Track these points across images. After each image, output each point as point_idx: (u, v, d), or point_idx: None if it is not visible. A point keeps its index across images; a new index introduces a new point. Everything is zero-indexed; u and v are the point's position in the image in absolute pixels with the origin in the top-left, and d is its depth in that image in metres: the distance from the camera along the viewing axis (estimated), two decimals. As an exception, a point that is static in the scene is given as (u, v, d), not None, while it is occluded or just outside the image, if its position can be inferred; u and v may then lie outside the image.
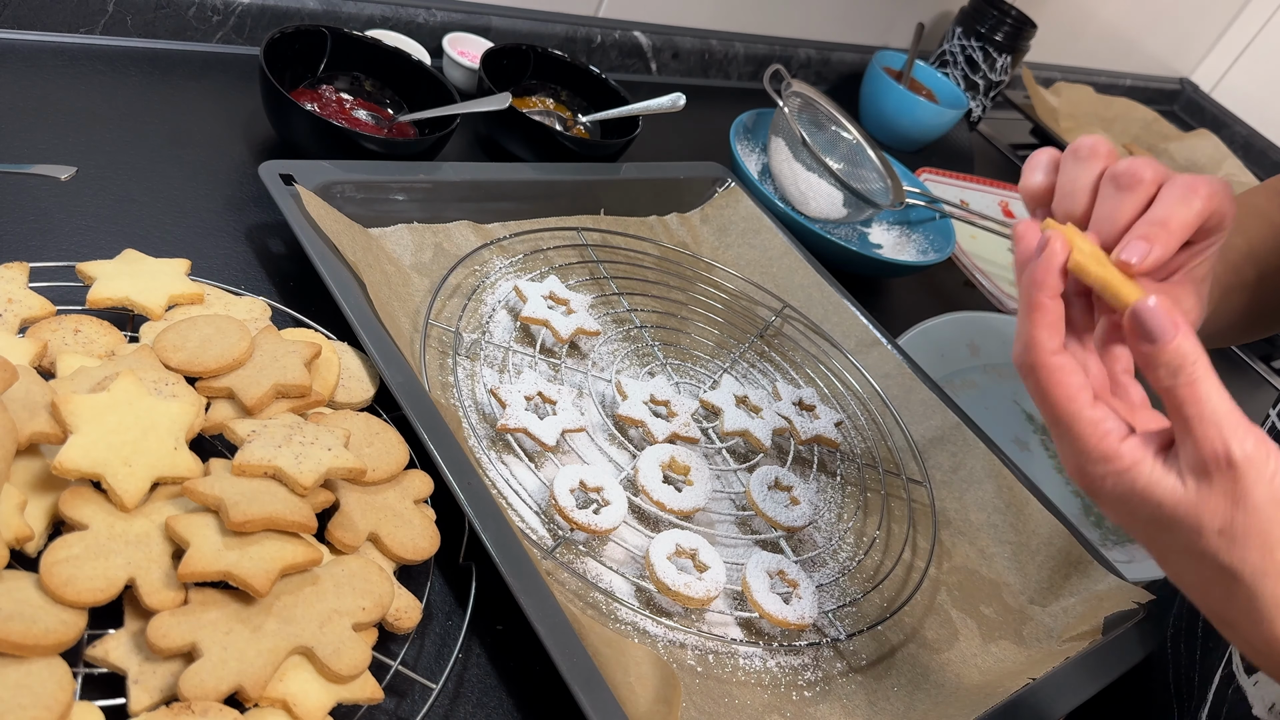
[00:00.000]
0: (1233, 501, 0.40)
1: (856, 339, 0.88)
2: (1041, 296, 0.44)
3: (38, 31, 0.80)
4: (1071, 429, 0.44)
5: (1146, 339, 0.41)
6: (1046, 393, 0.44)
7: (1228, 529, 0.41)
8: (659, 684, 0.51)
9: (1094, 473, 0.43)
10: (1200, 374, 0.41)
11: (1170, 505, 0.42)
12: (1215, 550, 0.41)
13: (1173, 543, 0.43)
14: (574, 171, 0.87)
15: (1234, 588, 0.41)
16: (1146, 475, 0.42)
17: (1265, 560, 0.41)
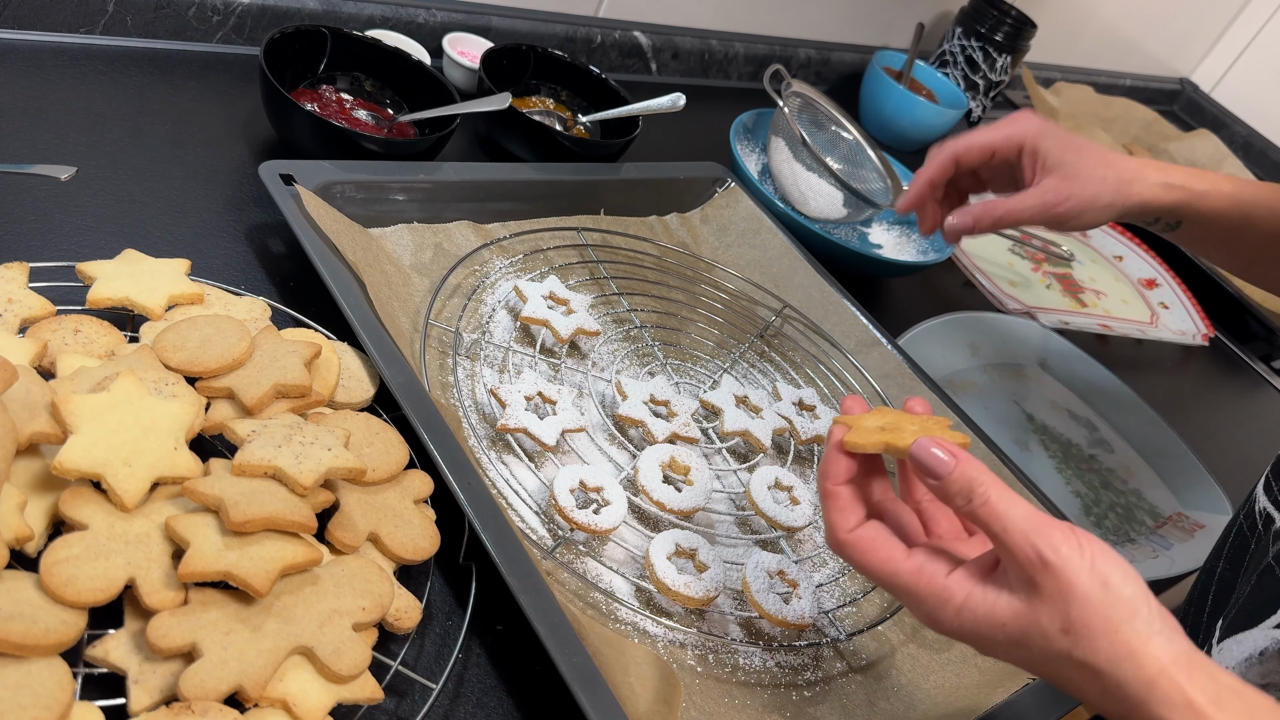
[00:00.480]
0: (1063, 599, 0.42)
1: (856, 339, 0.88)
2: (829, 485, 0.49)
3: (38, 31, 0.80)
4: (898, 584, 0.47)
5: (931, 475, 0.45)
6: (864, 565, 0.48)
7: (1069, 626, 0.42)
8: (659, 684, 0.51)
9: (939, 616, 0.46)
10: (990, 493, 0.44)
11: (1012, 620, 0.43)
12: (1068, 650, 0.42)
13: (1035, 656, 0.44)
14: (574, 171, 0.87)
15: (1102, 680, 0.42)
16: (980, 601, 0.44)
17: (1114, 644, 0.41)
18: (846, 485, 0.50)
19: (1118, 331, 1.20)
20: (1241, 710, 0.41)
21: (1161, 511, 0.96)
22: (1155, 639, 0.42)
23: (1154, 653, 0.41)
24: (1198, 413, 1.17)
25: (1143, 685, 0.41)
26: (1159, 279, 1.37)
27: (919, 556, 0.47)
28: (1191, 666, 0.41)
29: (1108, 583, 0.42)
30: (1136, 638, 0.42)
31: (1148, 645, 0.41)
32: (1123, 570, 0.42)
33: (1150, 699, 0.41)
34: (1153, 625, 0.42)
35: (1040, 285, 1.24)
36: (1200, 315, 1.31)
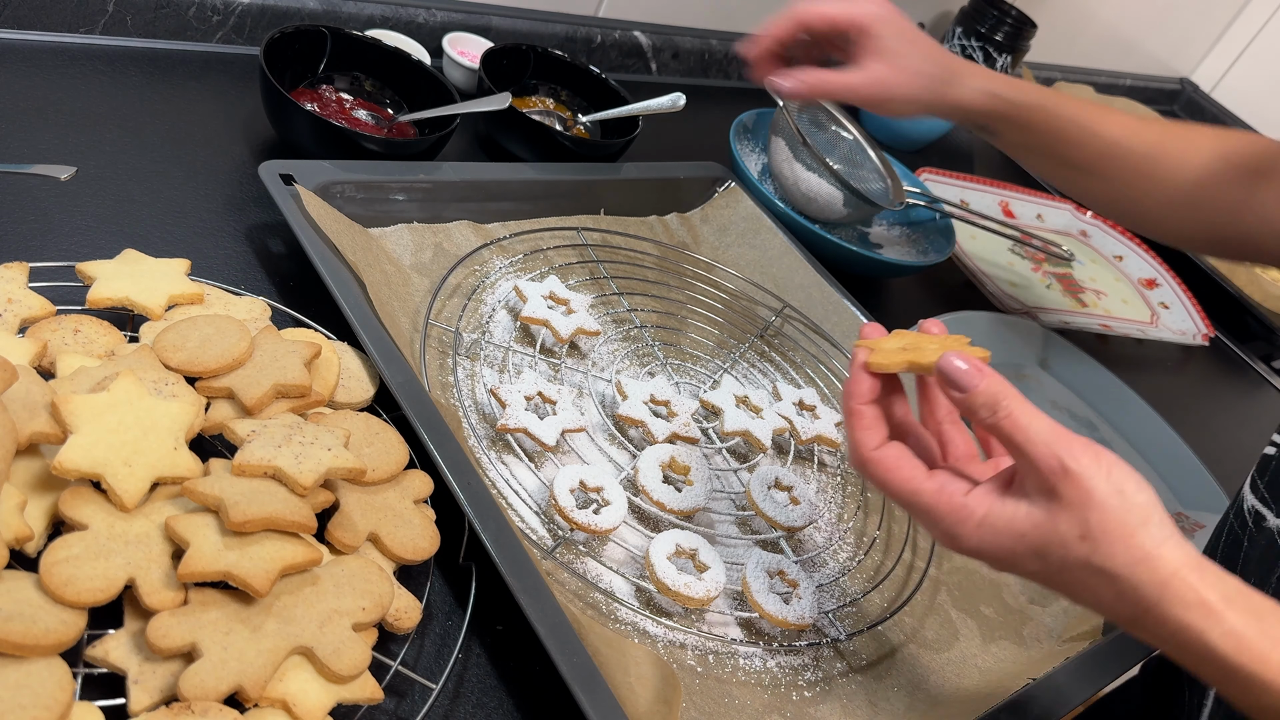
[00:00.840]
0: (1082, 504, 0.44)
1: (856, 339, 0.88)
2: (854, 404, 0.51)
3: (38, 31, 0.80)
4: (919, 503, 0.48)
5: (957, 388, 0.47)
6: (885, 484, 0.49)
7: (1087, 533, 0.44)
8: (659, 684, 0.51)
9: (959, 533, 0.47)
10: (1015, 405, 0.46)
11: (1031, 529, 0.45)
12: (1086, 556, 0.44)
13: (1052, 565, 0.45)
14: (574, 171, 0.87)
15: (1118, 584, 0.44)
16: (1000, 514, 0.46)
17: (1130, 549, 0.43)
18: (870, 405, 0.51)
19: (1118, 331, 1.20)
20: (1248, 608, 0.43)
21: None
22: (1167, 543, 0.44)
23: (1167, 556, 0.43)
24: (1198, 412, 1.17)
25: (1157, 586, 0.43)
26: (1159, 279, 1.37)
27: (940, 477, 0.48)
28: (1202, 568, 0.44)
29: (1123, 490, 0.44)
30: (1150, 542, 0.43)
31: (1161, 549, 0.43)
32: (1136, 480, 0.44)
33: (1164, 599, 0.43)
34: (1164, 530, 0.44)
35: (1040, 285, 1.24)
36: (1200, 315, 1.31)
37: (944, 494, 0.48)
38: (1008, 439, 0.46)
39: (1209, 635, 0.43)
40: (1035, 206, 1.40)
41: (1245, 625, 0.43)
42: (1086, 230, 1.42)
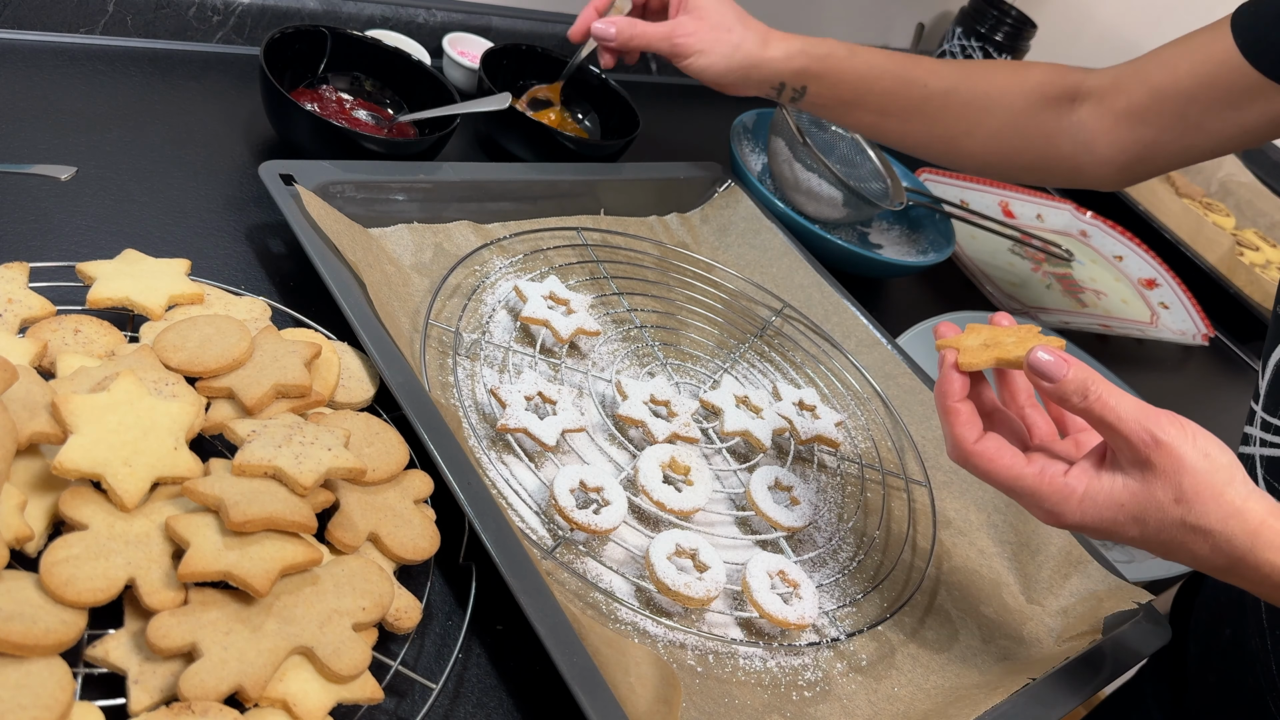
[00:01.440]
0: (1175, 471, 0.48)
1: (856, 339, 0.88)
2: (950, 403, 0.55)
3: (38, 31, 0.80)
4: (1024, 489, 0.52)
5: (1048, 379, 0.50)
6: (989, 473, 0.53)
7: (1181, 495, 0.48)
8: (659, 684, 0.51)
9: (1063, 510, 0.52)
10: (1103, 390, 0.50)
11: (1130, 499, 0.50)
12: (1182, 517, 0.49)
13: (1150, 529, 0.50)
14: (574, 171, 0.87)
15: (1213, 539, 0.49)
16: (1101, 489, 0.51)
17: (1221, 505, 0.48)
18: (964, 401, 0.55)
19: (1118, 331, 1.20)
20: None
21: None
22: (1252, 497, 0.49)
23: (1254, 508, 0.48)
24: (1198, 413, 1.16)
25: (1249, 535, 0.48)
26: (1159, 279, 1.37)
27: (1038, 460, 0.52)
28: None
29: (1209, 454, 0.49)
30: (1238, 497, 0.48)
31: (1248, 503, 0.48)
32: (1218, 444, 0.49)
33: (1256, 545, 0.48)
34: (1248, 487, 0.49)
35: (1040, 285, 1.24)
36: (1200, 315, 1.31)
37: (1045, 476, 0.52)
38: (1099, 420, 0.50)
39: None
40: (1035, 206, 1.40)
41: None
42: (1086, 230, 1.42)
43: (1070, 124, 0.84)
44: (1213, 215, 1.57)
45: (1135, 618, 0.70)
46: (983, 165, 0.89)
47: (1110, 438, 0.50)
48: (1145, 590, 0.71)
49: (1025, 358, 0.51)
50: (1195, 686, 0.77)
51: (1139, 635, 0.69)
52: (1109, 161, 0.84)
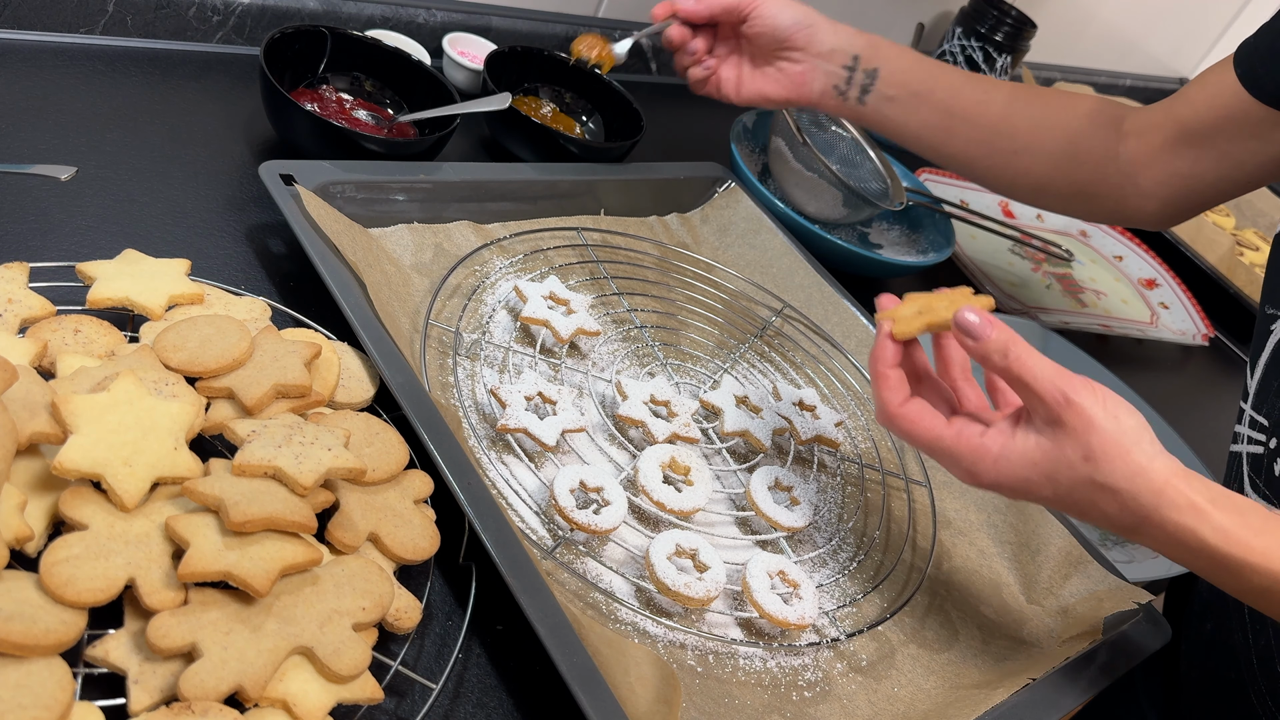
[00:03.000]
0: (1084, 430, 0.50)
1: (856, 339, 0.88)
2: (880, 368, 0.57)
3: (38, 31, 0.80)
4: (941, 447, 0.55)
5: (972, 337, 0.53)
6: (910, 434, 0.56)
7: (1089, 454, 0.51)
8: (659, 684, 0.51)
9: (979, 470, 0.54)
10: (1022, 350, 0.52)
11: (1042, 457, 0.52)
12: (1090, 474, 0.51)
13: (1062, 486, 0.52)
14: (574, 171, 0.87)
15: (1119, 497, 0.51)
16: (1013, 447, 0.53)
17: (1127, 464, 0.50)
18: (894, 368, 0.57)
19: (1118, 331, 1.20)
20: (1232, 508, 0.51)
21: (1161, 511, 0.96)
22: (1158, 458, 0.51)
23: (1159, 468, 0.50)
24: (1198, 412, 1.17)
25: (1153, 494, 0.50)
26: (1159, 279, 1.37)
27: (957, 423, 0.55)
28: (1189, 476, 0.51)
29: (1117, 416, 0.51)
30: (1144, 457, 0.50)
31: (1153, 463, 0.51)
32: (1127, 407, 0.51)
33: (1160, 504, 0.50)
34: (1155, 447, 0.51)
35: (1040, 285, 1.24)
36: (1200, 315, 1.31)
37: (962, 437, 0.54)
38: (1017, 379, 0.52)
39: (1200, 531, 0.50)
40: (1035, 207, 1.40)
41: (1230, 520, 0.50)
42: (1086, 230, 1.42)
43: (1118, 153, 0.84)
44: (1212, 215, 1.58)
45: (1135, 618, 0.70)
46: (1036, 187, 0.88)
47: (1026, 397, 0.52)
48: (1145, 590, 0.71)
49: (952, 319, 0.54)
50: (1185, 682, 0.77)
51: (1139, 635, 0.69)
52: (1151, 195, 0.83)
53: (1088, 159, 0.84)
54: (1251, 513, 0.51)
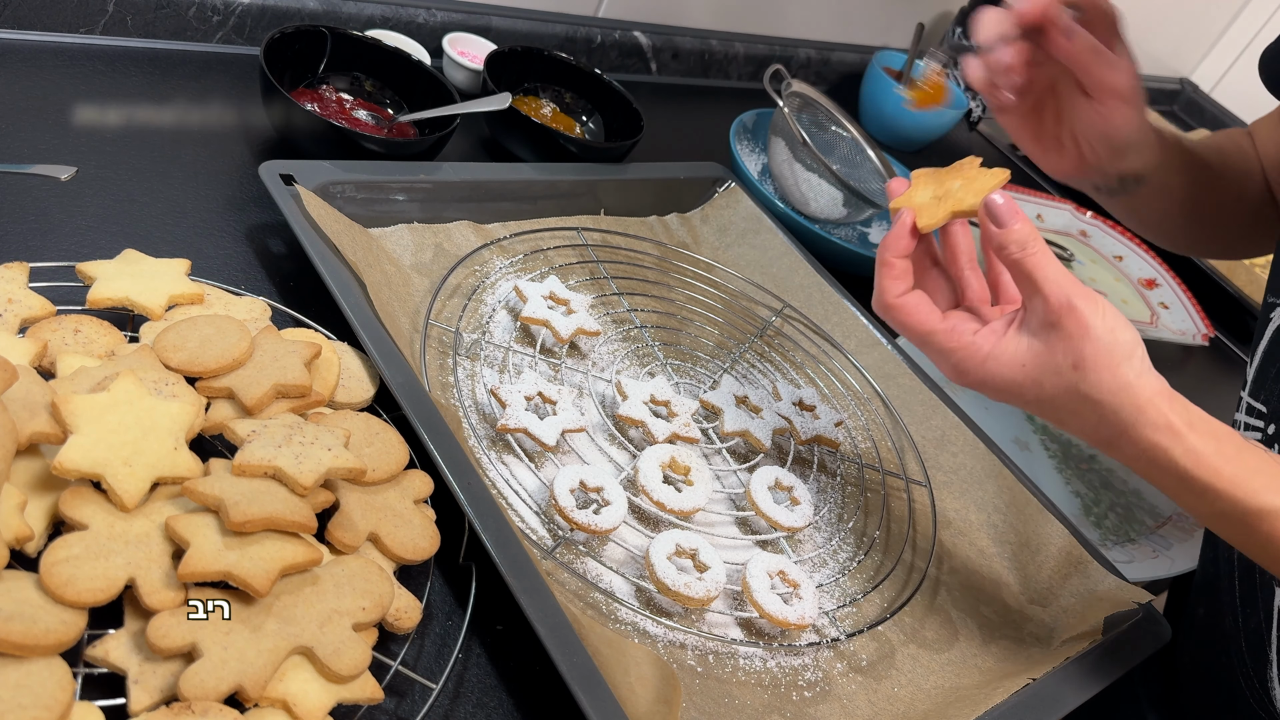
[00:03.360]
0: (1080, 337, 0.50)
1: (857, 339, 0.88)
2: (887, 255, 0.56)
3: (38, 31, 0.80)
4: (932, 341, 0.54)
5: (996, 223, 0.52)
6: (904, 325, 0.55)
7: (1080, 361, 0.50)
8: (659, 684, 0.51)
9: (965, 367, 0.54)
10: (1040, 248, 0.51)
11: (1032, 359, 0.52)
12: (1075, 383, 0.51)
13: (1046, 394, 0.52)
14: (574, 171, 0.87)
15: (1100, 409, 0.51)
16: (1004, 347, 0.52)
17: (1115, 378, 0.50)
18: (902, 259, 0.56)
19: (1118, 331, 1.20)
20: (1208, 431, 0.51)
21: (1161, 511, 0.96)
22: (1145, 375, 0.51)
23: (1144, 385, 0.51)
24: (1198, 413, 1.16)
25: (1134, 410, 0.51)
26: (1159, 279, 1.37)
27: (952, 318, 0.55)
28: (1172, 397, 0.52)
29: (1114, 329, 0.50)
30: (1132, 372, 0.50)
31: (1140, 379, 0.51)
32: (1123, 320, 0.51)
33: (1138, 421, 0.51)
34: (1144, 364, 0.51)
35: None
36: (1200, 315, 1.31)
37: (955, 333, 0.54)
38: (1028, 274, 0.51)
39: (1173, 452, 0.51)
40: (1035, 206, 1.40)
41: (1204, 445, 0.51)
42: (1086, 230, 1.42)
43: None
44: (1213, 215, 1.57)
45: (1135, 618, 0.70)
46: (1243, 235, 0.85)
47: (1029, 296, 0.52)
48: (1145, 590, 0.71)
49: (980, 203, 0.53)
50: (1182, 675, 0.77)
51: (1139, 635, 0.69)
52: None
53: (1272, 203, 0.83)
54: (1227, 440, 0.52)
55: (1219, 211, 0.82)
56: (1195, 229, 0.84)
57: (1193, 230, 0.84)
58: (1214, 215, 0.82)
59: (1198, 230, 0.84)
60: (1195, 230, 0.84)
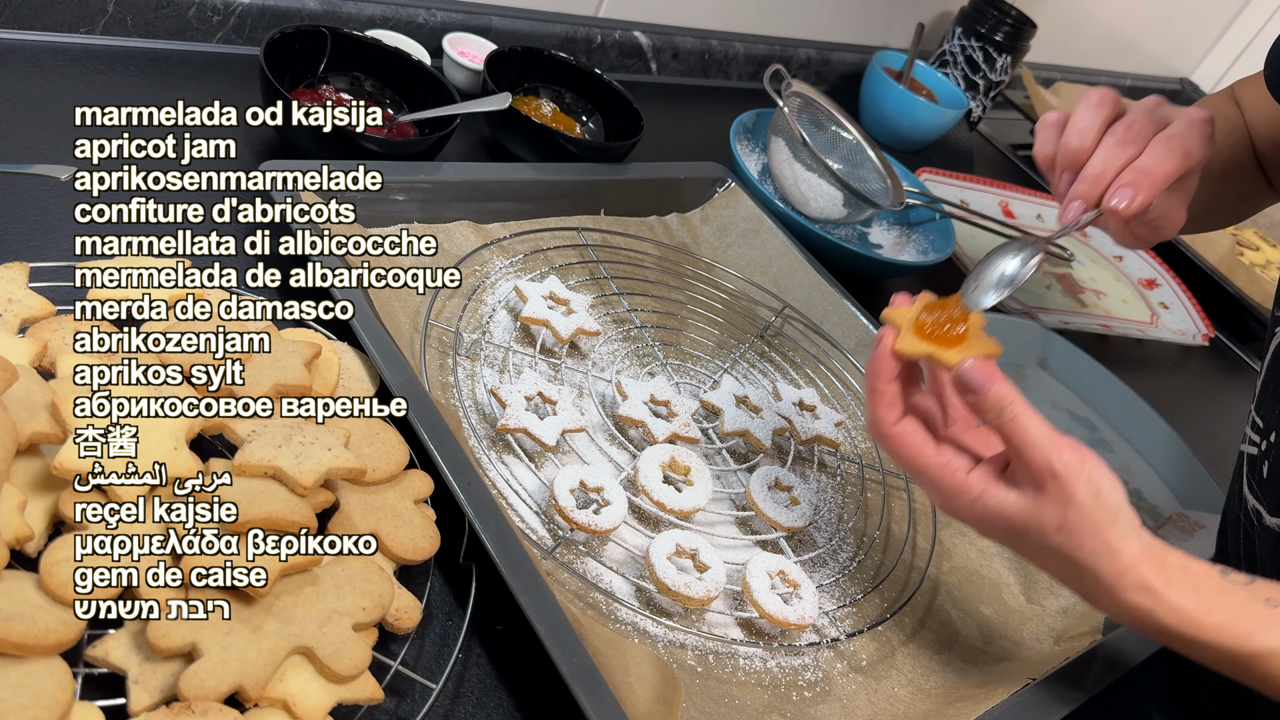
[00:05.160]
0: (1064, 503, 0.51)
1: (856, 339, 0.88)
2: (877, 383, 0.56)
3: (38, 31, 0.80)
4: (926, 476, 0.55)
5: (971, 391, 0.52)
6: (899, 455, 0.56)
7: (1064, 526, 0.51)
8: (659, 684, 0.51)
9: (955, 505, 0.55)
10: (1019, 409, 0.51)
11: (1018, 516, 0.52)
12: (1059, 545, 0.52)
13: (1028, 545, 0.53)
14: (574, 172, 0.87)
15: (1081, 571, 0.52)
16: (994, 497, 0.53)
17: (1097, 542, 0.51)
18: (892, 383, 0.56)
19: (1118, 331, 1.20)
20: (1189, 584, 0.52)
21: (1162, 511, 0.96)
22: (1128, 538, 0.52)
23: (1127, 549, 0.51)
24: (1198, 412, 1.17)
25: (1114, 575, 0.52)
26: (1159, 279, 1.37)
27: (946, 453, 0.55)
28: (1153, 558, 0.52)
29: (1099, 493, 0.51)
30: (1115, 538, 0.51)
31: (1123, 543, 0.51)
32: (1111, 482, 0.52)
33: (1119, 585, 0.52)
34: (1129, 527, 0.52)
35: (1040, 285, 1.24)
36: (1200, 315, 1.31)
37: (948, 469, 0.54)
38: (1009, 438, 0.52)
39: (1155, 613, 0.52)
40: (1035, 206, 1.40)
41: (1185, 600, 0.51)
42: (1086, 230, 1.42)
43: None
44: (1213, 215, 1.57)
45: (1135, 618, 0.70)
46: (1229, 211, 0.87)
47: (1016, 457, 0.52)
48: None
49: (955, 366, 0.53)
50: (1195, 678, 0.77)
51: (1139, 635, 0.69)
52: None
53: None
54: (1206, 587, 0.52)
55: (1214, 202, 0.82)
56: (1198, 224, 0.84)
57: (1195, 224, 0.83)
58: (1207, 208, 0.83)
59: (1191, 225, 0.84)
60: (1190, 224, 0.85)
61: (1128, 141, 0.58)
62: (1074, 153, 0.60)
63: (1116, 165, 0.58)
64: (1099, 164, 0.58)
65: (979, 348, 0.54)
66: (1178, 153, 0.58)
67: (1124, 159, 0.58)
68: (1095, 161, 0.58)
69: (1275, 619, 0.52)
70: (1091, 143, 0.59)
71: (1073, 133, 0.60)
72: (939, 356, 0.54)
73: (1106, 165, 0.58)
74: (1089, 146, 0.59)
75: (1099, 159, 0.58)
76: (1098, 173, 0.58)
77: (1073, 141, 0.60)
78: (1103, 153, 0.59)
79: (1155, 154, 0.58)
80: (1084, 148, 0.59)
